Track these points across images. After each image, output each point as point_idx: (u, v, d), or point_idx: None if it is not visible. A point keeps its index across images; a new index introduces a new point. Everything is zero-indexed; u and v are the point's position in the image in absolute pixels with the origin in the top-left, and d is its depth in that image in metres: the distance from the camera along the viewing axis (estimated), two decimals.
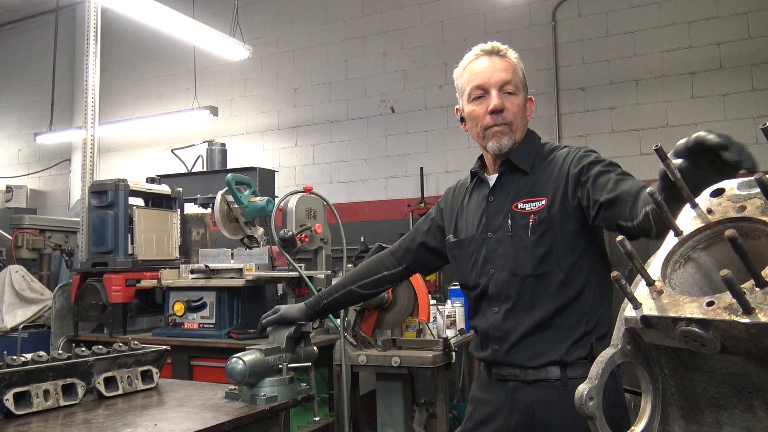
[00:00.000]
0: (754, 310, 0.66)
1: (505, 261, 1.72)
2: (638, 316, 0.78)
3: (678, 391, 0.83)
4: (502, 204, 1.76)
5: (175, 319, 3.60)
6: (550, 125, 6.14)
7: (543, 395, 1.64)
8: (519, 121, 1.77)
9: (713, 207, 0.82)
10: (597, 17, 6.06)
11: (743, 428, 0.77)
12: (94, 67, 4.60)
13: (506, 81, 1.76)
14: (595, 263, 1.70)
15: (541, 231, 1.67)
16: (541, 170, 1.75)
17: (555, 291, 1.66)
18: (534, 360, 1.66)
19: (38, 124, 8.91)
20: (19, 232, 5.36)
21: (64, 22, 8.85)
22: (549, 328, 1.66)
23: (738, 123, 5.45)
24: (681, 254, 0.82)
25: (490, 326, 1.75)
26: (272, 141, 7.61)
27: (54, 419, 1.71)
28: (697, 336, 0.72)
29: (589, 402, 0.77)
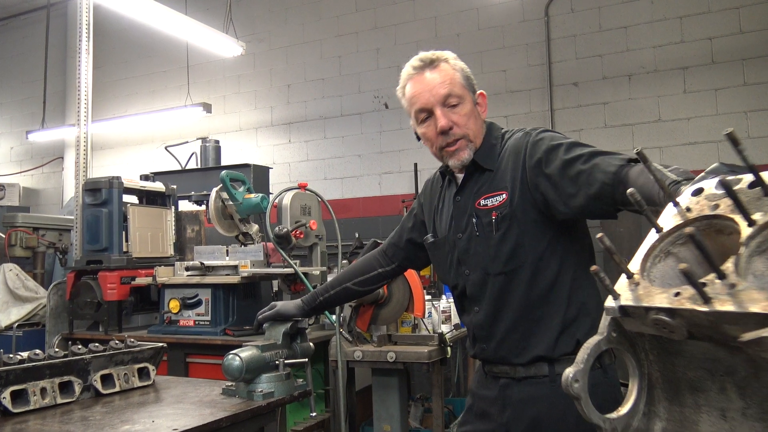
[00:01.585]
0: (711, 299, 0.72)
1: (477, 261, 1.71)
2: (617, 305, 0.86)
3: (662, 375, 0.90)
4: (467, 203, 1.75)
5: (170, 316, 3.61)
6: (543, 121, 6.16)
7: (533, 391, 1.65)
8: (473, 128, 1.73)
9: (692, 205, 0.88)
10: (589, 12, 6.08)
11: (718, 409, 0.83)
12: (86, 65, 4.59)
13: (446, 95, 1.70)
14: (568, 249, 1.67)
15: (506, 227, 1.64)
16: (499, 162, 1.72)
17: (528, 285, 1.64)
18: (521, 356, 1.66)
19: (30, 122, 8.87)
20: (13, 231, 5.35)
21: (56, 19, 8.79)
22: (529, 323, 1.65)
23: (730, 117, 5.48)
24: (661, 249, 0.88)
25: (474, 326, 1.77)
26: (266, 137, 7.60)
27: (51, 417, 1.72)
28: (666, 324, 0.78)
29: (574, 384, 0.84)
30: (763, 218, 0.76)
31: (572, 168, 1.50)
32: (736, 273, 0.73)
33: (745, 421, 0.80)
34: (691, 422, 0.85)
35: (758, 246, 0.76)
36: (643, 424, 0.90)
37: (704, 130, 5.56)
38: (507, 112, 6.33)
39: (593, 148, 1.53)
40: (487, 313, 1.71)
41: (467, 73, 1.76)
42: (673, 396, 0.89)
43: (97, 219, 3.93)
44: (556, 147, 1.57)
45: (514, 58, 6.37)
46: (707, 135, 5.54)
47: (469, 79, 1.75)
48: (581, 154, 1.51)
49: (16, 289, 4.76)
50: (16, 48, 9.47)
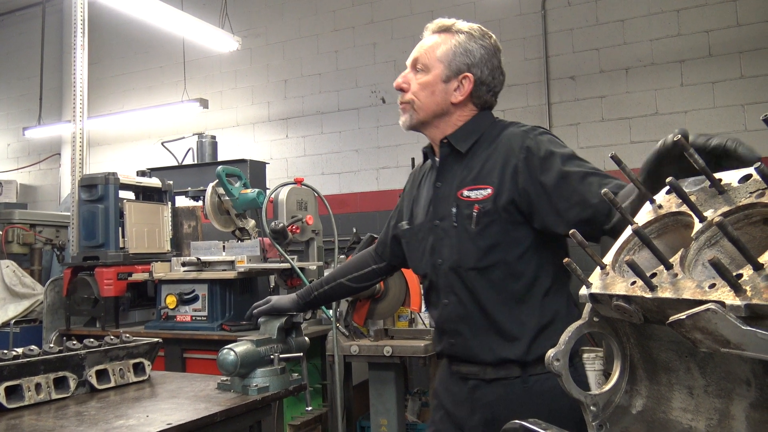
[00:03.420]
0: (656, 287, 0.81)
1: (450, 252, 1.64)
2: (587, 293, 0.95)
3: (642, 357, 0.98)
4: (449, 190, 1.67)
5: (167, 312, 3.61)
6: (540, 114, 6.15)
7: (503, 393, 1.59)
8: (424, 100, 1.67)
9: (663, 203, 0.96)
10: (586, 6, 6.06)
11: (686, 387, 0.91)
12: (82, 60, 4.57)
13: (416, 59, 1.70)
14: (546, 255, 1.61)
15: (486, 222, 1.58)
16: (487, 154, 1.64)
17: (501, 285, 1.59)
18: (490, 355, 1.60)
19: (27, 119, 8.84)
20: (10, 227, 5.34)
21: (51, 15, 8.77)
22: (500, 323, 1.59)
23: (727, 110, 5.48)
24: (635, 242, 0.96)
25: (442, 319, 1.70)
26: (263, 133, 7.59)
27: (46, 412, 1.72)
28: (625, 309, 0.87)
29: (555, 362, 0.94)
30: (713, 215, 0.84)
31: (567, 184, 1.47)
32: (681, 264, 0.82)
33: (707, 397, 0.88)
34: (665, 399, 0.93)
35: (708, 240, 0.84)
36: (625, 400, 0.98)
37: (702, 123, 5.56)
38: (504, 106, 6.32)
39: (590, 166, 1.50)
40: (458, 308, 1.64)
41: (462, 52, 1.66)
42: (652, 375, 0.97)
43: (93, 215, 3.92)
44: (554, 155, 1.53)
45: (511, 51, 6.35)
46: (704, 128, 5.53)
47: (458, 57, 1.66)
48: (578, 171, 1.47)
49: (13, 286, 4.76)
50: (11, 44, 9.44)
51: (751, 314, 0.68)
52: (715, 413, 0.86)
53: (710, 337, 0.72)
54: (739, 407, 0.83)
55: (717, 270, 0.70)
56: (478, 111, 1.71)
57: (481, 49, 1.67)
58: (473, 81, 1.66)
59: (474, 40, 1.67)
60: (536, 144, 1.56)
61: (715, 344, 0.72)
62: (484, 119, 1.72)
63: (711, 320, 0.70)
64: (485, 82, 1.68)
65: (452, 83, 1.67)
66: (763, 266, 0.70)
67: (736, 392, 0.84)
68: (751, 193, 0.83)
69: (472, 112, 1.71)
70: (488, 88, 1.70)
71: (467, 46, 1.66)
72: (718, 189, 0.87)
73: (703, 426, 0.87)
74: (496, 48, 1.70)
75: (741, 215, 0.83)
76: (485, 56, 1.67)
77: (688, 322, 0.72)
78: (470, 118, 1.70)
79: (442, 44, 1.67)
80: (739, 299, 0.69)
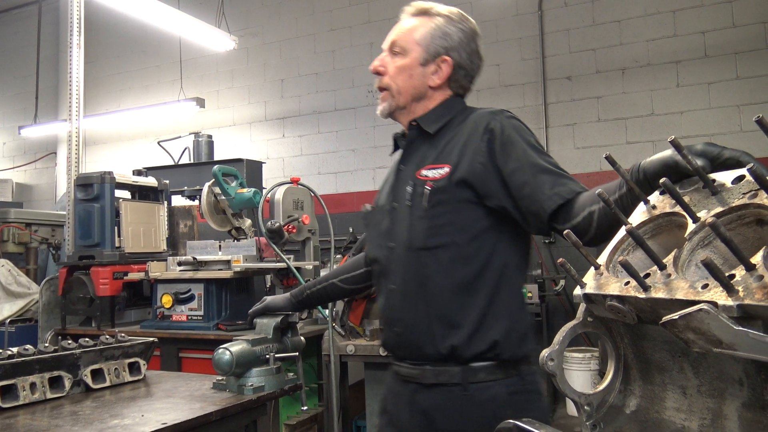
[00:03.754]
0: (650, 287, 0.82)
1: (403, 233, 1.57)
2: (582, 293, 0.95)
3: (636, 357, 0.99)
4: (409, 171, 1.62)
5: (163, 311, 3.60)
6: (536, 114, 6.16)
7: (442, 400, 1.51)
8: (402, 84, 1.62)
9: (657, 203, 0.97)
10: (583, 6, 6.08)
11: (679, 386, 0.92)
12: (78, 59, 4.56)
13: (393, 41, 1.65)
14: (502, 244, 1.53)
15: (438, 200, 1.51)
16: (451, 135, 1.60)
17: (449, 267, 1.50)
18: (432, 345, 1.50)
19: (23, 117, 8.83)
20: (5, 226, 5.33)
21: (48, 14, 8.76)
22: (445, 309, 1.51)
23: (722, 111, 5.50)
24: (629, 243, 0.97)
25: (388, 306, 1.62)
26: (260, 132, 7.59)
27: (41, 412, 1.71)
28: (618, 309, 0.88)
29: (549, 362, 0.94)
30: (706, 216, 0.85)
31: (521, 175, 1.45)
32: (674, 265, 0.83)
33: (700, 397, 0.88)
34: (659, 399, 0.94)
35: (701, 240, 0.85)
36: (619, 400, 0.98)
37: (697, 124, 5.57)
38: (501, 106, 6.24)
39: (549, 161, 1.47)
40: (403, 292, 1.56)
41: (440, 35, 1.62)
42: (646, 375, 0.97)
43: (89, 214, 3.91)
44: (516, 143, 1.49)
45: (508, 52, 6.36)
46: (700, 129, 5.55)
47: (437, 40, 1.62)
48: (536, 164, 1.45)
49: (9, 285, 4.75)
50: (8, 43, 9.42)
51: (744, 314, 0.69)
52: (708, 413, 0.86)
53: (703, 337, 0.72)
54: (732, 407, 0.84)
55: (710, 270, 0.71)
56: (452, 95, 1.68)
57: (460, 32, 1.63)
58: (452, 65, 1.63)
59: (452, 23, 1.64)
60: (501, 128, 1.52)
61: (707, 344, 0.73)
62: (457, 103, 1.68)
63: (703, 320, 0.70)
64: (464, 66, 1.65)
65: (430, 66, 1.63)
66: (756, 267, 0.70)
67: (728, 392, 0.84)
68: (744, 194, 0.84)
69: (447, 95, 1.67)
70: (466, 72, 1.66)
71: (446, 29, 1.62)
72: (712, 190, 0.88)
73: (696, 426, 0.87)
74: (474, 32, 1.67)
75: (734, 216, 0.84)
76: (464, 40, 1.64)
77: (681, 323, 0.73)
78: (443, 101, 1.66)
79: (420, 27, 1.63)
80: (731, 299, 0.70)
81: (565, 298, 5.80)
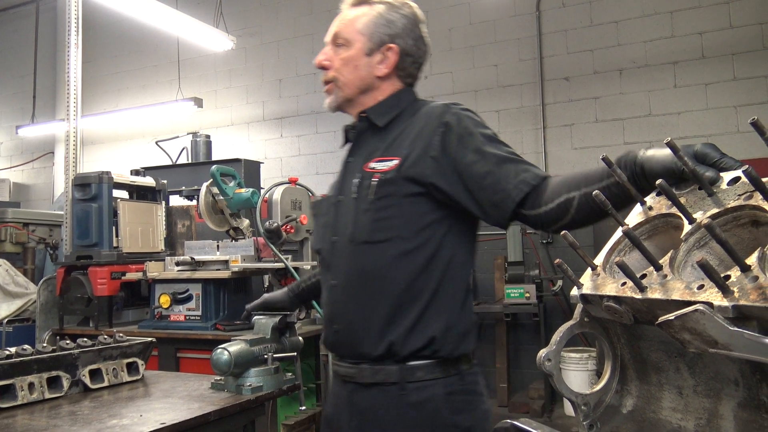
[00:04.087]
0: (646, 288, 0.83)
1: (347, 226, 1.53)
2: (579, 294, 0.97)
3: (632, 357, 0.99)
4: (357, 164, 1.58)
5: (161, 311, 3.60)
6: (534, 115, 6.17)
7: (380, 400, 1.46)
8: (347, 76, 1.59)
9: (654, 204, 0.98)
10: (581, 7, 6.09)
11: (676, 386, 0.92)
12: (75, 59, 4.56)
13: (336, 33, 1.61)
14: (448, 238, 1.49)
15: (384, 193, 1.47)
16: (401, 128, 1.56)
17: (393, 262, 1.45)
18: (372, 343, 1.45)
19: (20, 117, 8.82)
20: (3, 226, 5.32)
21: (45, 13, 8.74)
22: (385, 305, 1.45)
23: (720, 112, 5.51)
24: (626, 244, 0.98)
25: (330, 301, 1.57)
26: (258, 132, 7.59)
27: (39, 412, 1.72)
28: (615, 309, 0.89)
29: (546, 362, 0.95)
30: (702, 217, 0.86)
31: (482, 165, 1.41)
32: (670, 266, 0.84)
33: (696, 397, 0.89)
34: (656, 399, 0.95)
35: (697, 241, 0.86)
36: (615, 400, 0.99)
37: (695, 125, 5.59)
38: (499, 107, 6.35)
39: (509, 150, 1.44)
40: (344, 287, 1.52)
41: (383, 22, 1.58)
42: (642, 375, 0.98)
43: (86, 214, 3.91)
44: (473, 134, 1.45)
45: (506, 52, 6.37)
46: (698, 129, 5.56)
47: (380, 28, 1.57)
48: (496, 154, 1.41)
49: (6, 285, 4.74)
50: (5, 42, 9.40)
51: (739, 315, 0.70)
52: (704, 413, 0.87)
53: (698, 337, 0.73)
54: (728, 407, 0.84)
55: (705, 271, 0.71)
56: (402, 86, 1.64)
57: (403, 18, 1.59)
58: (398, 52, 1.58)
59: (394, 9, 1.59)
60: (457, 120, 1.47)
61: (703, 345, 0.73)
62: (407, 95, 1.64)
63: (699, 321, 0.71)
64: (410, 53, 1.61)
65: (376, 56, 1.58)
66: (751, 268, 0.71)
67: (724, 392, 0.85)
68: (739, 196, 0.85)
69: (396, 86, 1.63)
70: (413, 59, 1.62)
71: (388, 17, 1.58)
72: (707, 191, 0.89)
73: (692, 425, 0.88)
74: (417, 17, 1.63)
75: (729, 217, 0.85)
76: (408, 26, 1.59)
77: (677, 323, 0.74)
78: (392, 93, 1.62)
79: (362, 16, 1.59)
80: (726, 300, 0.71)
81: (562, 299, 5.81)
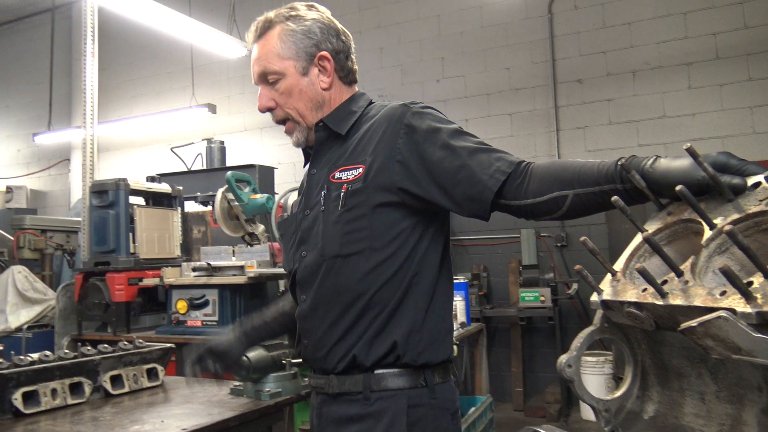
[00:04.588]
0: (667, 294, 0.83)
1: (316, 240, 1.46)
2: (599, 300, 0.96)
3: (653, 363, 0.99)
4: (322, 175, 1.51)
5: (178, 317, 3.63)
6: (547, 118, 6.16)
7: (346, 411, 1.41)
8: (298, 105, 1.51)
9: (673, 209, 0.98)
10: (593, 9, 6.07)
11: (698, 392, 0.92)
12: (92, 67, 4.62)
13: (261, 74, 1.52)
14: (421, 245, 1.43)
15: (354, 203, 1.40)
16: (363, 131, 1.49)
17: (365, 274, 1.39)
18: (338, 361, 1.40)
19: (37, 124, 8.92)
20: (21, 233, 5.39)
21: (60, 22, 8.85)
22: (355, 320, 1.39)
23: (735, 113, 5.47)
24: (646, 249, 0.97)
25: (300, 317, 1.50)
26: (271, 137, 7.63)
27: (62, 417, 1.74)
28: (636, 315, 0.88)
29: (567, 368, 0.95)
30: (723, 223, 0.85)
31: (454, 159, 1.35)
32: (692, 272, 0.83)
33: (719, 403, 0.88)
34: (677, 405, 0.94)
35: (718, 247, 0.85)
36: (637, 406, 0.99)
37: (710, 126, 5.55)
38: (511, 110, 6.34)
39: (477, 141, 1.38)
40: (313, 302, 1.45)
41: (302, 34, 1.50)
42: (664, 381, 0.97)
43: (104, 221, 3.95)
44: (439, 130, 1.39)
45: (518, 55, 6.37)
46: (713, 131, 5.53)
47: (302, 42, 1.50)
48: (466, 146, 1.35)
49: (25, 291, 4.80)
50: (21, 51, 9.52)
51: (762, 321, 0.70)
52: (727, 419, 0.86)
53: (722, 344, 0.73)
54: (751, 413, 0.84)
55: (727, 278, 0.71)
56: (347, 88, 1.59)
57: (315, 23, 1.52)
58: (330, 56, 1.52)
59: (301, 19, 1.52)
60: (419, 119, 1.41)
61: (726, 351, 0.73)
62: (360, 99, 1.60)
63: (722, 327, 0.71)
64: (339, 50, 1.55)
65: (312, 71, 1.51)
66: None
67: (747, 398, 0.84)
68: (760, 201, 0.84)
69: (343, 90, 1.58)
70: (345, 54, 1.57)
71: (301, 28, 1.51)
72: (727, 197, 0.88)
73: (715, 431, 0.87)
74: (323, 12, 1.56)
75: (750, 223, 0.84)
76: (323, 27, 1.53)
77: (700, 330, 0.74)
78: (345, 99, 1.57)
79: (276, 42, 1.51)
80: (749, 306, 0.71)
81: (578, 302, 5.79)
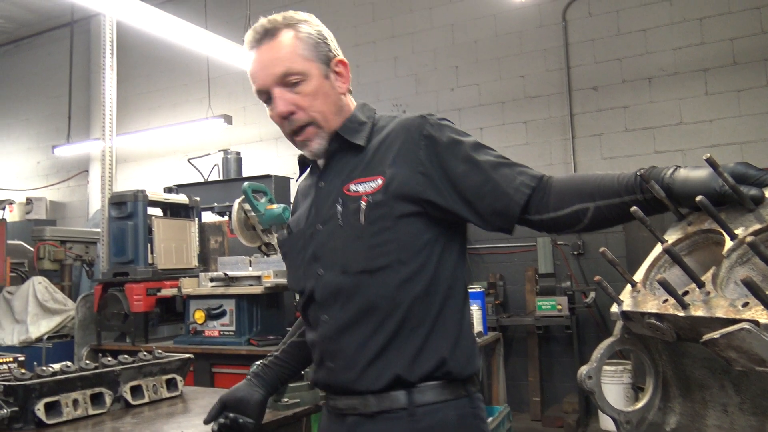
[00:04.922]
0: (689, 305, 0.82)
1: (335, 257, 1.39)
2: (619, 311, 0.96)
3: (675, 374, 0.98)
4: (333, 188, 1.43)
5: (195, 327, 3.66)
6: (563, 125, 6.14)
7: (390, 429, 1.33)
8: (323, 108, 1.41)
9: (692, 219, 0.97)
10: (608, 16, 6.06)
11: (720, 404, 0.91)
12: (110, 80, 4.68)
13: (283, 74, 1.38)
14: (445, 255, 1.40)
15: (376, 216, 1.34)
16: (378, 142, 1.43)
17: (396, 288, 1.34)
18: (375, 379, 1.33)
19: (56, 137, 9.06)
20: (41, 244, 5.46)
21: (79, 35, 8.99)
22: (391, 337, 1.34)
23: (753, 119, 5.42)
24: (666, 259, 0.97)
25: (322, 338, 1.41)
26: (286, 148, 7.66)
27: (84, 428, 1.75)
28: (657, 326, 0.88)
29: (587, 380, 0.94)
30: (744, 233, 0.84)
31: (478, 173, 1.33)
32: (713, 282, 0.82)
33: (742, 415, 0.88)
34: (700, 416, 0.93)
35: (739, 258, 0.85)
36: (659, 417, 0.98)
37: (727, 132, 5.50)
38: (526, 118, 6.33)
39: (497, 155, 1.36)
40: (339, 321, 1.37)
41: (318, 39, 1.43)
42: (686, 393, 0.97)
43: (122, 232, 4.00)
44: (460, 143, 1.36)
45: (533, 63, 6.36)
46: (730, 137, 5.48)
47: (320, 46, 1.43)
48: (489, 160, 1.34)
49: (45, 302, 4.86)
50: (40, 65, 9.68)
51: None
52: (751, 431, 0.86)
53: (745, 356, 0.72)
54: None
55: (750, 289, 0.71)
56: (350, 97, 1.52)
57: (325, 29, 1.47)
58: (345, 62, 1.47)
59: (312, 25, 1.45)
60: (439, 131, 1.37)
61: (749, 363, 0.73)
62: (366, 109, 1.52)
63: (745, 339, 0.70)
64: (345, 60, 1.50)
65: (331, 76, 1.44)
66: None
67: None
68: None
69: (350, 100, 1.51)
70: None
71: (317, 31, 1.44)
72: (748, 207, 0.88)
73: None
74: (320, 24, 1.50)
75: None
76: (330, 34, 1.48)
77: (722, 341, 0.73)
78: (357, 108, 1.50)
79: (296, 42, 1.40)
80: None
81: (595, 311, 5.75)
